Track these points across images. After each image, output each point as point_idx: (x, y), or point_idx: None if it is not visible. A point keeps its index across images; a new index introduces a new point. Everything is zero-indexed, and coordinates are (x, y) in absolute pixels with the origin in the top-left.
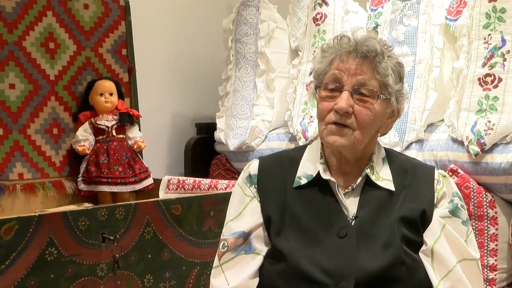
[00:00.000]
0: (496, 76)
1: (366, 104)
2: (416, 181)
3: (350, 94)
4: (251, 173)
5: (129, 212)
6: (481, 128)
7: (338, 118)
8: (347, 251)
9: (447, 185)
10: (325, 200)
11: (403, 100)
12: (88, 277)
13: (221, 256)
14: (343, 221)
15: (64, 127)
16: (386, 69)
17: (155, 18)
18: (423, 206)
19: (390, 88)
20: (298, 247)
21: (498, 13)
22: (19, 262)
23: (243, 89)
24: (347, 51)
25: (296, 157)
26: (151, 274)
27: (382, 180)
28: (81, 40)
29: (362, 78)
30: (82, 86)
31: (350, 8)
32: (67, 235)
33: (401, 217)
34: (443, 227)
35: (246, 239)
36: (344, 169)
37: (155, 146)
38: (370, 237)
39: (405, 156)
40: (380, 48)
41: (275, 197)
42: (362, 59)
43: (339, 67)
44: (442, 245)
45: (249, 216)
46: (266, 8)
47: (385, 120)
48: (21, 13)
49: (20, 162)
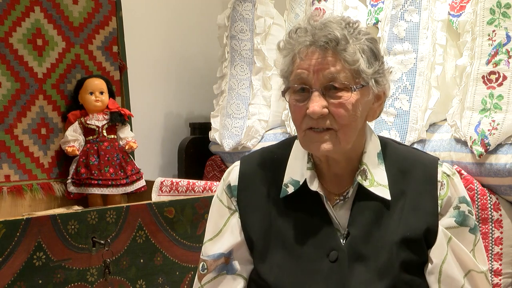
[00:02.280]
0: (500, 74)
1: (341, 100)
2: (416, 186)
3: (321, 93)
4: (231, 184)
5: (120, 215)
6: (485, 127)
7: (315, 123)
8: (338, 278)
9: (452, 188)
10: (314, 213)
11: (385, 79)
12: (78, 283)
13: (201, 278)
14: (334, 240)
15: (52, 127)
16: (353, 54)
17: (147, 14)
18: (426, 222)
19: (364, 74)
20: (284, 276)
21: (502, 9)
22: (6, 267)
23: (239, 88)
24: (305, 45)
25: (281, 158)
26: (144, 279)
27: (376, 186)
28: (70, 37)
29: (329, 73)
30: (72, 85)
31: (349, 4)
32: (56, 239)
33: (401, 239)
34: (449, 240)
35: (228, 258)
36: (334, 171)
37: (148, 146)
38: (363, 259)
39: (405, 147)
40: (341, 33)
41: (259, 213)
42: (323, 51)
43: (301, 66)
44: (450, 264)
45: (229, 235)
46: (262, 3)
47: (370, 106)
48: (8, 9)
49: (6, 164)
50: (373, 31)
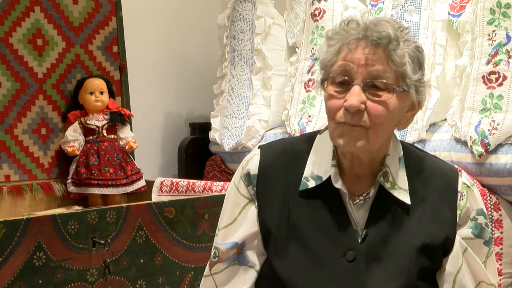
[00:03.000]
0: (500, 74)
1: (380, 99)
2: (436, 194)
3: (362, 88)
4: (250, 172)
5: (120, 215)
6: (485, 127)
7: (350, 118)
8: (355, 279)
9: (471, 199)
10: (333, 211)
11: (425, 90)
12: (77, 283)
13: (212, 265)
14: (352, 240)
15: (52, 127)
16: (402, 57)
17: (147, 14)
18: (445, 232)
19: (408, 79)
20: (299, 271)
21: (503, 9)
22: (6, 267)
23: (239, 88)
24: (356, 38)
25: (302, 151)
26: (143, 279)
27: (397, 189)
28: (70, 37)
29: (374, 70)
30: (72, 85)
31: (349, 3)
32: (56, 239)
33: (421, 245)
34: (464, 251)
35: (240, 249)
36: (356, 171)
37: (148, 146)
38: (381, 261)
39: (425, 154)
40: (394, 33)
41: (277, 204)
42: (373, 47)
43: (347, 58)
44: (464, 275)
45: (244, 224)
46: (262, 3)
47: (404, 114)
48: (8, 9)
49: (6, 164)
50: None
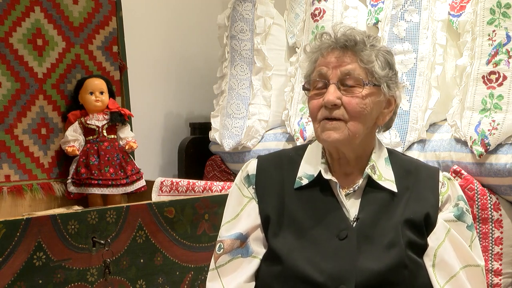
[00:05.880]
0: (500, 74)
1: (354, 94)
2: (420, 183)
3: (336, 86)
4: (249, 173)
5: (120, 215)
6: (485, 127)
7: (328, 113)
8: (347, 253)
9: (452, 188)
10: (326, 201)
11: (396, 87)
12: (78, 283)
13: (217, 258)
14: (344, 223)
15: (52, 127)
16: (369, 55)
17: (147, 14)
18: (427, 209)
19: (376, 75)
20: (296, 249)
21: (503, 9)
22: (6, 267)
23: (239, 88)
24: (328, 46)
25: (295, 157)
26: (144, 279)
27: (384, 180)
28: (70, 37)
29: (345, 69)
30: (72, 85)
31: (349, 3)
32: (56, 239)
33: (405, 219)
34: (447, 231)
35: (243, 242)
36: (344, 170)
37: (148, 146)
38: (371, 239)
39: (409, 157)
40: (361, 38)
41: (274, 197)
42: (343, 50)
43: (321, 63)
44: (446, 250)
45: (246, 218)
46: (262, 3)
47: (381, 110)
48: (8, 9)
49: (7, 164)
50: (373, 31)
